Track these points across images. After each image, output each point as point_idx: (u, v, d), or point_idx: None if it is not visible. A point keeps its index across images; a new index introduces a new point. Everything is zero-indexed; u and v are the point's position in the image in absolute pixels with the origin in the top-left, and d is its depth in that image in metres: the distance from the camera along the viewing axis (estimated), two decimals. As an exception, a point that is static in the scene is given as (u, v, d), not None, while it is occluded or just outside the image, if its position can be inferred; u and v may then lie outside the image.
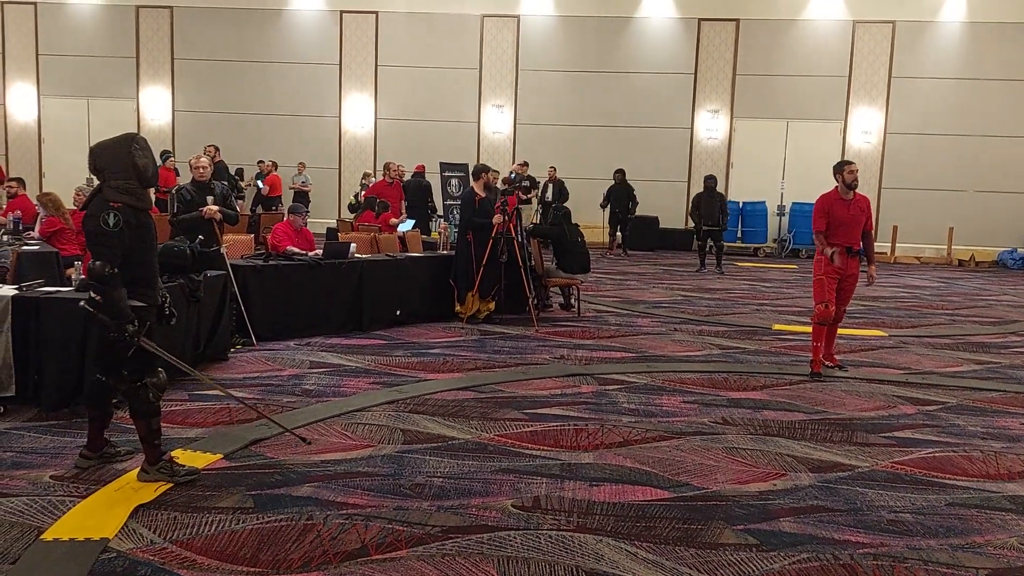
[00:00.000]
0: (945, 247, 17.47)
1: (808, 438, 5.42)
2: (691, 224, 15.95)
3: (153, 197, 4.87)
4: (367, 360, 7.09)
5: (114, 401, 4.47)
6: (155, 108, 19.06)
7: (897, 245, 17.49)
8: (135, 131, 4.22)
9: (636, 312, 9.93)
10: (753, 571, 3.56)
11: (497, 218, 8.74)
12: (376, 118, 19.03)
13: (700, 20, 18.10)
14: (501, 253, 8.74)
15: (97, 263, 3.90)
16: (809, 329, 9.22)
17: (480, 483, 4.40)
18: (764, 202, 17.87)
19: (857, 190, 7.13)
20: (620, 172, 16.20)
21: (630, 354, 7.65)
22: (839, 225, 7.03)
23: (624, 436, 5.27)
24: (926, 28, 17.68)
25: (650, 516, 4.08)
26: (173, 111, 19.10)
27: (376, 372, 6.73)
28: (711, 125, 18.27)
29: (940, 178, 17.74)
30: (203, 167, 7.78)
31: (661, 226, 17.96)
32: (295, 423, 5.28)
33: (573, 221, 9.64)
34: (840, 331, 8.94)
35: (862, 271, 7.30)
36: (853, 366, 7.52)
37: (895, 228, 17.30)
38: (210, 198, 7.63)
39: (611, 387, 6.45)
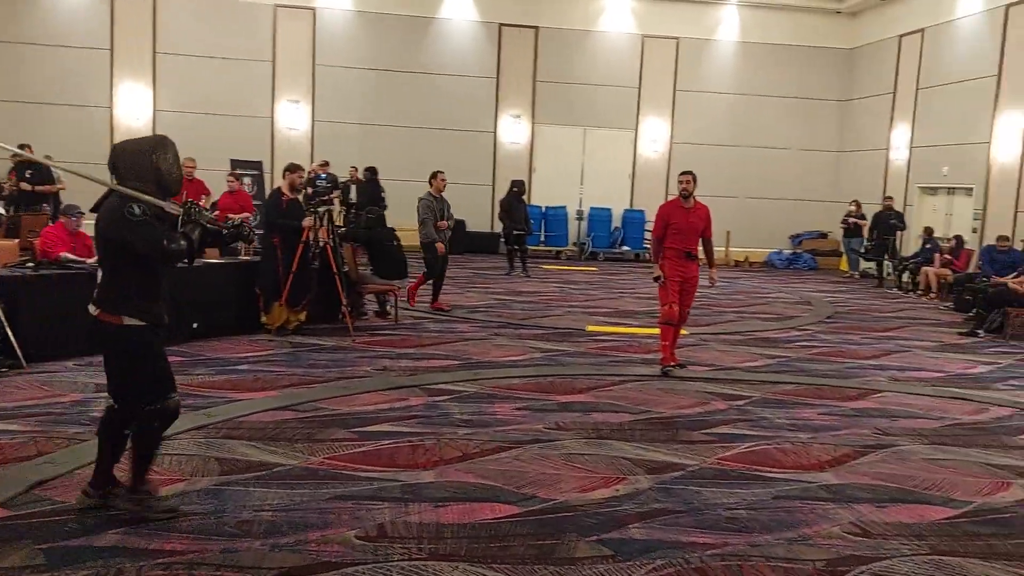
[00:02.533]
0: (724, 249, 18.88)
1: (638, 439, 5.50)
2: (498, 227, 16.07)
3: None
4: (166, 379, 6.36)
5: (126, 432, 3.90)
6: None
7: (684, 247, 18.66)
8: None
9: (454, 317, 9.78)
10: (613, 585, 3.49)
11: (307, 221, 8.23)
12: (155, 110, 17.52)
13: (501, 25, 18.32)
14: (313, 259, 8.24)
15: (170, 247, 3.63)
16: (622, 330, 9.57)
17: (316, 514, 4.01)
18: (565, 207, 18.43)
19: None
20: (369, 170, 14.56)
21: (455, 361, 7.47)
22: (677, 231, 7.29)
23: (463, 450, 5.07)
24: (706, 45, 19.02)
25: (502, 535, 3.91)
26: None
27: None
28: (514, 130, 18.55)
29: (718, 186, 19.03)
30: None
31: (468, 229, 17.96)
32: (86, 459, 4.57)
33: (388, 225, 9.30)
34: (648, 331, 9.35)
35: (703, 273, 7.60)
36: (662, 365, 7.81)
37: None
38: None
39: (441, 397, 6.23)
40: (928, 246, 14.47)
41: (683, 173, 7.38)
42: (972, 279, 12.40)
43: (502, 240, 15.63)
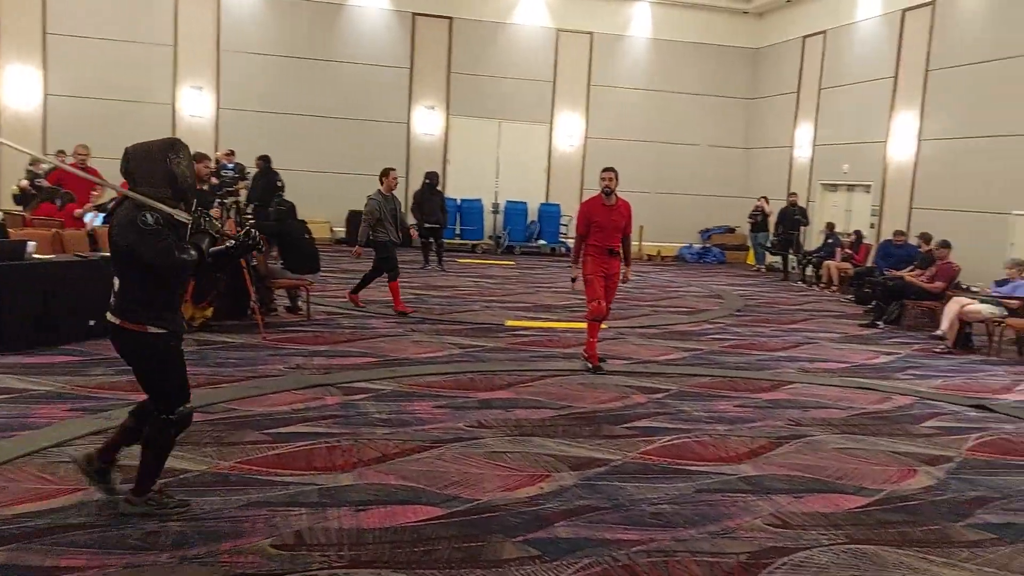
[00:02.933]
0: (638, 243, 19.14)
1: (561, 435, 5.46)
2: (412, 220, 15.81)
3: None
4: (60, 382, 5.96)
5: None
6: None
7: (597, 241, 18.84)
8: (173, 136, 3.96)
9: (368, 313, 9.55)
10: (542, 586, 3.42)
11: (215, 212, 7.86)
12: (45, 94, 16.51)
13: (415, 14, 18.03)
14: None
15: (179, 258, 3.54)
16: (541, 324, 9.55)
17: (228, 523, 3.80)
18: (480, 200, 18.33)
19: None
20: (262, 159, 14.15)
21: (371, 359, 7.28)
22: (600, 228, 7.30)
23: (382, 450, 4.91)
24: (619, 41, 19.22)
25: (427, 538, 3.78)
26: None
27: (73, 396, 5.66)
28: (428, 121, 18.30)
29: (632, 181, 19.14)
30: None
31: (379, 221, 17.68)
32: (-29, 468, 4.22)
33: (298, 217, 8.99)
34: (567, 325, 9.37)
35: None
36: (580, 358, 7.81)
37: (596, 225, 18.62)
38: None
39: (358, 396, 6.04)
40: (830, 241, 15.03)
41: (606, 170, 7.36)
42: (871, 272, 12.92)
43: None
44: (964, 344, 9.54)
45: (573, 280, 7.44)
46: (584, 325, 7.63)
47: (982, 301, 9.60)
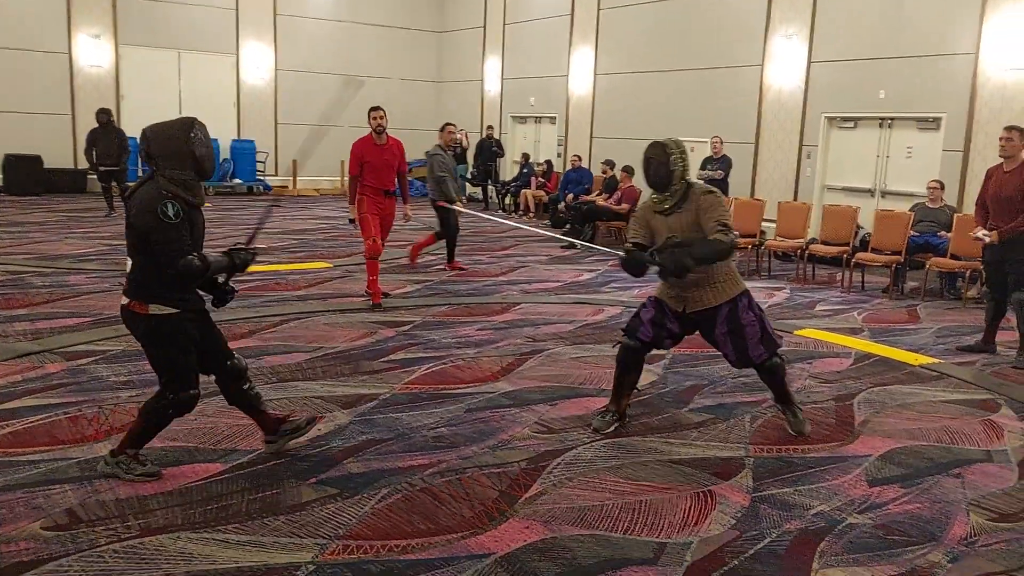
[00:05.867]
0: (339, 179, 18.88)
1: (322, 376, 5.43)
2: (83, 163, 14.11)
3: None
4: None
5: (245, 387, 4.00)
6: None
7: (298, 179, 18.30)
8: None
9: (63, 269, 8.47)
10: (351, 519, 3.47)
11: None
12: None
13: (64, -73, 15.70)
14: None
15: (184, 261, 3.49)
16: (264, 268, 9.21)
17: (-22, 515, 3.33)
18: (165, 138, 16.76)
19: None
20: None
21: (84, 318, 6.53)
22: (373, 169, 7.34)
23: (134, 414, 4.48)
24: (304, -31, 18.41)
25: (218, 495, 3.63)
26: None
27: None
28: (94, 51, 16.16)
29: (329, 115, 18.80)
30: None
31: (46, 166, 15.53)
32: None
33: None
34: (291, 267, 9.16)
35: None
36: (319, 299, 7.74)
37: (295, 163, 18.02)
38: None
39: (84, 360, 5.44)
40: (525, 171, 16.06)
41: (374, 108, 7.48)
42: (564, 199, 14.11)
43: (93, 177, 13.84)
44: (649, 258, 10.88)
45: (351, 221, 7.53)
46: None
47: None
